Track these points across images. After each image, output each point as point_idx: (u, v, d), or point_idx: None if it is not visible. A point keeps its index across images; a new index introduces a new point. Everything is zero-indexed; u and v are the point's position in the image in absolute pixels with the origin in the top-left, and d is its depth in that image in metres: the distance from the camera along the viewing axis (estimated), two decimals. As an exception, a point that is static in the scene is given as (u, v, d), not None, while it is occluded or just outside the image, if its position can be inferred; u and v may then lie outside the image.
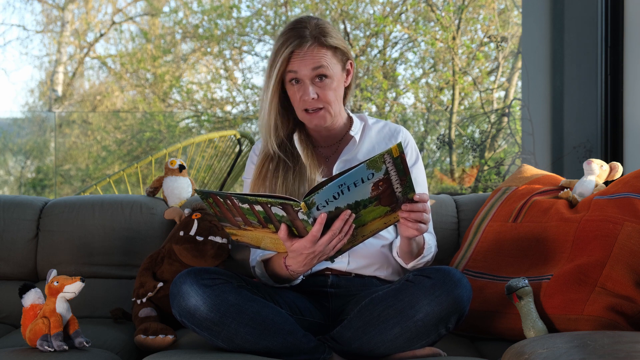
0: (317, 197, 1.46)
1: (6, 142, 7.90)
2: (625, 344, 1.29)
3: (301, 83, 1.74)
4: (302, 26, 1.74)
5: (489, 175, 4.65)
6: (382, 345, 1.60)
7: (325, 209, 1.49)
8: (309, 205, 1.46)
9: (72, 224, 2.23)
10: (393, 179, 1.50)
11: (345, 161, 1.86)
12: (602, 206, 1.84)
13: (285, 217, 1.50)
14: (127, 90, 8.64)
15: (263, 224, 1.54)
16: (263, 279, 1.80)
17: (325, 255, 1.58)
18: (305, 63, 1.72)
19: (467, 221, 2.19)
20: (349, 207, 1.51)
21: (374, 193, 1.50)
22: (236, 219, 1.56)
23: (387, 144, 1.90)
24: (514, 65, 6.76)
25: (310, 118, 1.77)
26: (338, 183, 1.45)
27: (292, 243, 1.55)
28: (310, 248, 1.55)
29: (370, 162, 1.45)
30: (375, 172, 1.47)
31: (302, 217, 1.49)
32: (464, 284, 1.59)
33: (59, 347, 1.61)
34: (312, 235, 1.52)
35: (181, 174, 2.30)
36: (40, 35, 8.84)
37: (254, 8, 8.04)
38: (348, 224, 1.52)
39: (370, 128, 1.92)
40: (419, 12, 7.45)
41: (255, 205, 1.49)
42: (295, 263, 1.63)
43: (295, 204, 1.46)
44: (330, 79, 1.75)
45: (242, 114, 8.15)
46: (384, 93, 7.37)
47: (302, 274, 1.70)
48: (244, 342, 1.59)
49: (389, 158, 1.46)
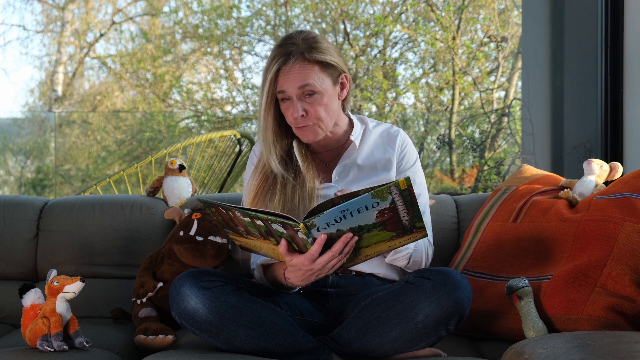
0: (317, 220, 1.45)
1: (6, 142, 7.91)
2: (625, 344, 1.29)
3: (290, 100, 1.74)
4: (289, 42, 1.73)
5: (489, 175, 4.65)
6: (382, 347, 1.60)
7: (325, 231, 1.48)
8: (309, 227, 1.46)
9: (72, 224, 2.23)
10: (400, 209, 1.47)
11: (345, 165, 1.86)
12: (602, 206, 1.84)
13: (285, 233, 1.50)
14: (127, 90, 8.64)
15: (264, 236, 1.54)
16: (261, 282, 1.80)
17: (324, 273, 1.58)
18: (290, 81, 1.71)
19: (467, 221, 2.19)
20: (352, 230, 1.49)
21: (378, 219, 1.48)
22: (238, 228, 1.56)
23: (386, 148, 1.89)
24: (514, 65, 6.76)
25: (301, 133, 1.78)
26: (340, 209, 1.44)
27: (291, 258, 1.55)
28: (308, 265, 1.55)
29: (376, 193, 1.43)
30: (381, 201, 1.45)
31: (301, 236, 1.49)
32: (464, 285, 1.59)
33: (59, 347, 1.61)
34: (310, 254, 1.52)
35: (181, 174, 2.30)
36: (40, 35, 8.85)
37: (254, 8, 8.04)
38: (349, 245, 1.52)
39: (371, 132, 1.92)
40: (419, 12, 7.45)
41: (256, 220, 1.49)
42: (293, 277, 1.63)
43: (295, 224, 1.45)
44: (320, 95, 1.73)
45: (242, 114, 8.15)
46: (384, 93, 7.37)
47: (300, 287, 1.70)
48: (244, 344, 1.59)
49: (396, 190, 1.44)
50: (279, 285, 1.74)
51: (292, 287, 1.71)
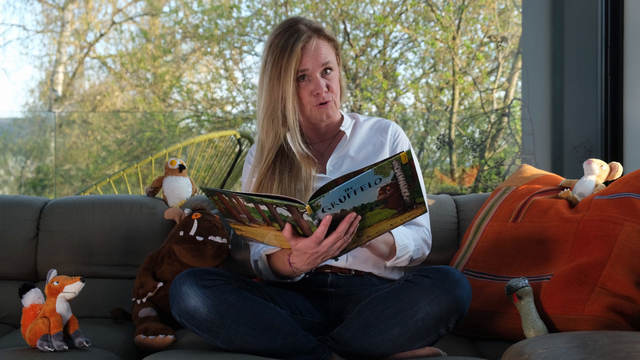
0: (322, 200, 1.46)
1: (6, 142, 7.91)
2: (625, 344, 1.29)
3: (310, 78, 1.78)
4: (297, 23, 1.78)
5: (489, 175, 4.65)
6: (382, 345, 1.61)
7: (330, 211, 1.49)
8: (314, 207, 1.46)
9: (72, 224, 2.23)
10: (401, 184, 1.49)
11: (339, 157, 1.88)
12: (602, 206, 1.84)
13: (290, 217, 1.51)
14: (127, 90, 8.64)
15: (268, 222, 1.54)
16: (265, 272, 1.80)
17: (329, 255, 1.58)
18: (314, 58, 1.76)
19: (467, 221, 2.19)
20: (355, 209, 1.50)
21: (380, 197, 1.50)
22: (241, 216, 1.56)
23: (379, 138, 1.91)
24: (514, 65, 6.76)
25: (321, 111, 1.81)
26: (344, 187, 1.45)
27: (296, 242, 1.56)
28: (314, 248, 1.55)
29: (378, 168, 1.45)
30: (383, 177, 1.46)
31: (307, 219, 1.49)
32: (463, 283, 1.59)
33: (59, 347, 1.61)
34: (316, 236, 1.52)
35: (181, 174, 2.30)
36: (41, 35, 8.85)
37: (254, 8, 8.04)
38: (353, 225, 1.53)
39: (362, 124, 1.95)
40: (419, 12, 7.45)
41: (260, 205, 1.49)
42: (299, 261, 1.63)
43: (301, 206, 1.46)
44: (334, 72, 1.82)
45: (242, 114, 8.15)
46: (384, 93, 7.37)
47: (305, 271, 1.70)
48: (244, 343, 1.59)
49: (398, 164, 1.46)
50: (282, 274, 1.74)
51: (296, 274, 1.71)
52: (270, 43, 1.78)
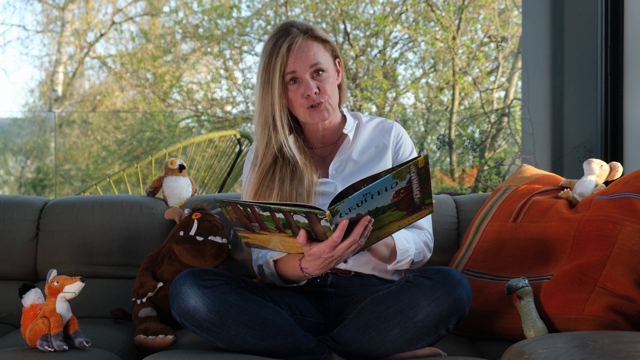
0: (341, 206, 1.47)
1: (6, 142, 7.90)
2: (625, 344, 1.29)
3: (300, 81, 1.76)
4: (287, 29, 1.76)
5: (489, 175, 4.65)
6: (382, 346, 1.60)
7: (347, 216, 1.50)
8: (333, 213, 1.48)
9: (72, 224, 2.23)
10: (414, 187, 1.51)
11: (341, 160, 1.87)
12: (602, 206, 1.84)
13: (305, 223, 1.51)
14: (127, 90, 8.64)
15: (280, 229, 1.55)
16: (271, 277, 1.80)
17: (342, 259, 1.59)
18: (302, 60, 1.74)
19: (467, 221, 2.19)
20: (369, 213, 1.51)
21: (394, 200, 1.51)
22: (252, 225, 1.57)
23: (381, 140, 1.90)
24: (514, 65, 6.76)
25: (312, 114, 1.78)
26: (363, 192, 1.46)
27: (310, 247, 1.56)
28: (329, 252, 1.55)
29: (397, 173, 1.46)
30: (400, 181, 1.48)
31: (324, 224, 1.50)
32: (464, 284, 1.59)
33: (59, 347, 1.61)
34: (332, 240, 1.53)
35: (181, 174, 2.30)
36: (41, 35, 8.85)
37: (254, 8, 8.04)
38: (368, 229, 1.54)
39: (364, 126, 1.93)
40: (419, 12, 7.45)
41: (277, 213, 1.50)
42: (312, 266, 1.63)
43: (320, 212, 1.47)
44: (327, 73, 1.78)
45: (242, 114, 8.15)
46: (384, 93, 7.37)
47: (317, 275, 1.71)
48: (244, 343, 1.59)
49: (414, 168, 1.48)
50: (289, 279, 1.74)
51: (305, 278, 1.72)
52: (262, 48, 1.79)
